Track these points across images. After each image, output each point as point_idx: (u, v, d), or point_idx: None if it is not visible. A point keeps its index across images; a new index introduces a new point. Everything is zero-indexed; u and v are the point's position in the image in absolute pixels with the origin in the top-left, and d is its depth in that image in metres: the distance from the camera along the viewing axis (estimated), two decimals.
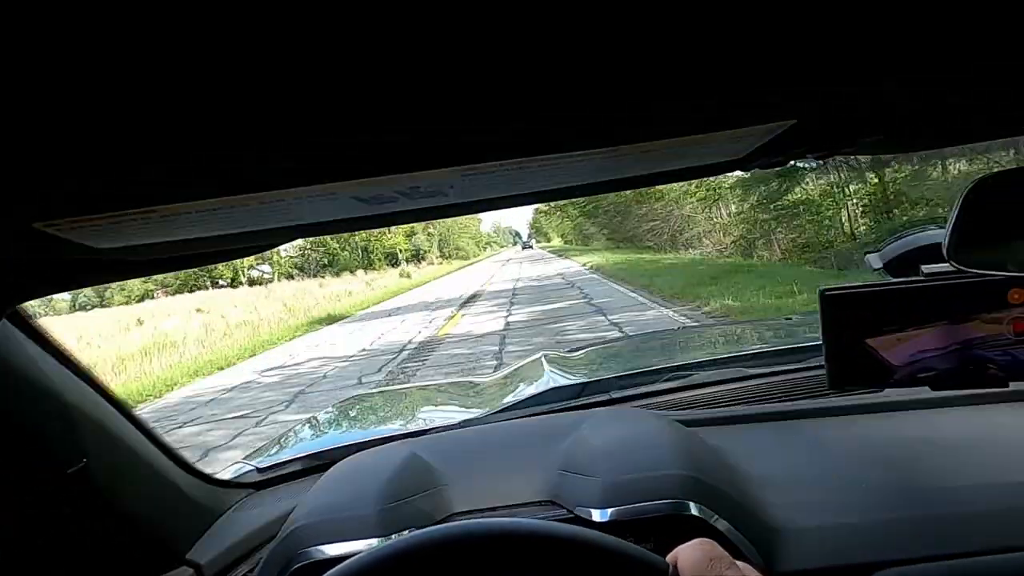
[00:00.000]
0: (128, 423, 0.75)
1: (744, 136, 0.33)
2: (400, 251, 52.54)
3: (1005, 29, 0.25)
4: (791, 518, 0.75)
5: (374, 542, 0.71)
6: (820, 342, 1.31)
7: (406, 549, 0.53)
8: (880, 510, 0.75)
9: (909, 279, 0.73)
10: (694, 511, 0.70)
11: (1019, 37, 0.26)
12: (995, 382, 0.71)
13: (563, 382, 1.36)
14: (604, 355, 1.84)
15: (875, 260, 0.81)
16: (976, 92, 0.33)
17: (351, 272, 41.83)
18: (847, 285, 0.74)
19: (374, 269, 45.64)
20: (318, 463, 1.14)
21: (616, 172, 0.38)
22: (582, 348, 1.93)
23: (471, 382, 1.89)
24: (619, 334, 7.10)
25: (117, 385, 8.95)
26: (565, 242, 69.72)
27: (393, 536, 0.71)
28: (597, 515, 0.70)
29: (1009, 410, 0.95)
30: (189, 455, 0.91)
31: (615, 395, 1.18)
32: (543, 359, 1.66)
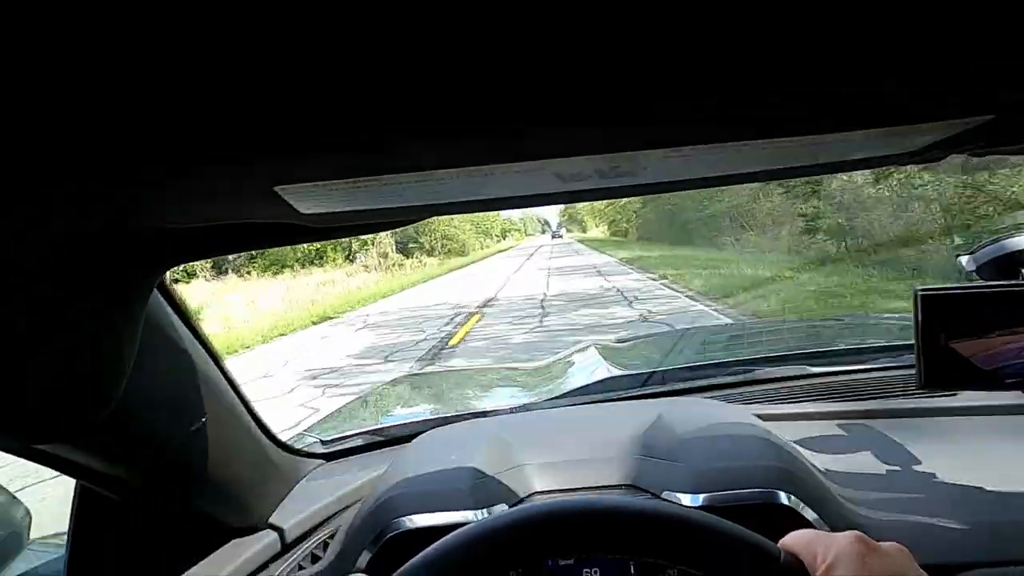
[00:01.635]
0: (231, 389, 0.78)
1: (932, 129, 0.34)
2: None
3: None
4: (870, 515, 0.76)
5: (468, 514, 0.73)
6: (881, 344, 1.31)
7: (520, 520, 0.55)
8: (961, 512, 0.75)
9: (1008, 282, 0.73)
10: (784, 500, 0.71)
11: None
12: None
13: (616, 372, 1.37)
14: (654, 347, 1.85)
15: (968, 263, 0.80)
16: None
17: (285, 269, 27.55)
18: (943, 287, 0.74)
19: (330, 262, 30.48)
20: (381, 439, 1.18)
21: (794, 160, 0.39)
22: (631, 339, 1.94)
23: (518, 368, 1.90)
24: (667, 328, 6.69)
25: None
26: (612, 233, 49.40)
27: (496, 508, 0.73)
28: (687, 500, 0.72)
29: None
30: None
31: (678, 386, 1.18)
32: (595, 348, 1.67)
